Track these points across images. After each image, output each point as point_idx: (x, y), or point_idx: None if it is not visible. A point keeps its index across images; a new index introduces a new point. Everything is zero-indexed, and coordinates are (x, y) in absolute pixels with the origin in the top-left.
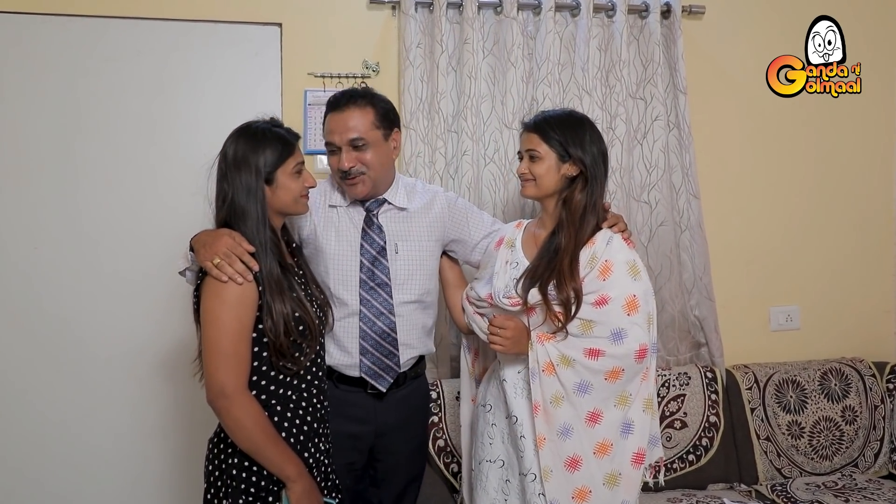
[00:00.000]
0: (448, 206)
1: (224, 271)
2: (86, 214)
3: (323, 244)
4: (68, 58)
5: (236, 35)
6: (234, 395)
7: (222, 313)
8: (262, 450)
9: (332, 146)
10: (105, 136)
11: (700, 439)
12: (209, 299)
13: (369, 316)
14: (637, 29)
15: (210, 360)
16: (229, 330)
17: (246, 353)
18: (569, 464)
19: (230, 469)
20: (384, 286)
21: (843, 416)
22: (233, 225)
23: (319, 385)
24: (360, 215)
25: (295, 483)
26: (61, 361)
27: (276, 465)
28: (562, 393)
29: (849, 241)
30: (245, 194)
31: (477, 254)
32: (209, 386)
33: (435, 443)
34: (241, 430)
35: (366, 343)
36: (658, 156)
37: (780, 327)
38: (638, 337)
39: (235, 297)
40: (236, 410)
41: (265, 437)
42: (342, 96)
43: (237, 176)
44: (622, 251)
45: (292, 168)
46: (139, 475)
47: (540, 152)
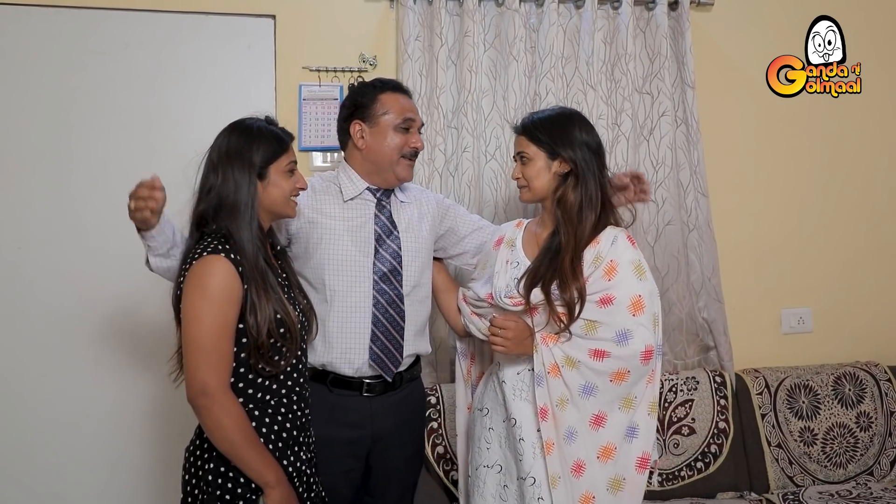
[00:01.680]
0: (437, 202)
1: (138, 206)
2: (73, 212)
3: (329, 239)
4: (55, 51)
5: (229, 27)
6: (216, 394)
7: (205, 309)
8: (240, 452)
9: (413, 123)
10: (93, 130)
11: (709, 446)
12: (191, 294)
13: (382, 303)
14: (644, 21)
15: (191, 358)
16: (212, 326)
17: (228, 351)
18: (574, 469)
19: (206, 475)
20: (396, 273)
21: (858, 422)
22: (216, 218)
23: (301, 392)
24: (369, 206)
25: (273, 489)
26: (50, 361)
27: (255, 470)
28: (567, 395)
29: (863, 241)
30: (236, 188)
31: (465, 244)
32: (189, 384)
33: (434, 449)
34: (220, 430)
35: (377, 330)
36: (665, 153)
37: (791, 330)
38: (644, 338)
39: (219, 293)
40: (217, 410)
41: (245, 439)
42: (402, 83)
43: (229, 169)
44: (627, 251)
45: (285, 166)
46: (131, 479)
47: (529, 154)
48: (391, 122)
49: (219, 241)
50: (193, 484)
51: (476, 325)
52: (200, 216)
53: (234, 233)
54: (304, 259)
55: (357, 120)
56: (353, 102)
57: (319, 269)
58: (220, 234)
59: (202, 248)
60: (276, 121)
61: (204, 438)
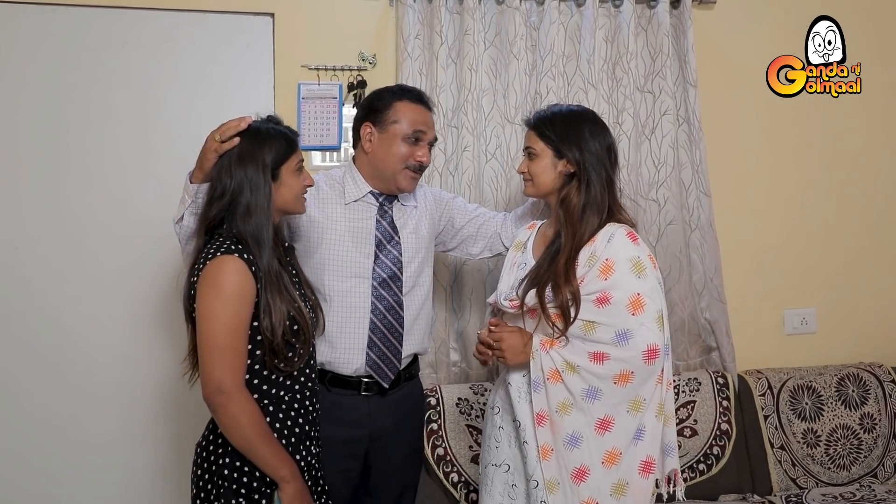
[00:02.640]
0: (434, 197)
1: (228, 134)
2: (69, 212)
3: (330, 239)
4: (50, 49)
5: (227, 25)
6: (232, 392)
7: (219, 307)
8: (256, 448)
9: (423, 136)
10: (89, 130)
11: (711, 448)
12: (206, 293)
13: (381, 309)
14: (645, 19)
15: (207, 356)
16: (227, 325)
17: (243, 349)
18: (575, 475)
19: (221, 470)
20: (396, 279)
21: (862, 423)
22: (230, 220)
23: (312, 387)
24: (371, 209)
25: (288, 484)
26: (46, 363)
27: (271, 465)
28: (570, 400)
29: (868, 241)
30: (252, 190)
31: (462, 234)
32: (206, 382)
33: (434, 451)
34: (237, 427)
35: (375, 336)
36: (667, 152)
37: (794, 330)
38: (646, 337)
39: (233, 292)
40: (234, 407)
41: (261, 435)
42: (424, 94)
43: (241, 171)
44: (625, 248)
45: (295, 165)
46: (127, 481)
47: (536, 150)
48: (400, 132)
49: (232, 241)
50: (206, 479)
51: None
52: (211, 221)
53: (250, 235)
54: (305, 257)
55: (369, 122)
56: (369, 104)
57: (319, 270)
58: (232, 234)
59: (215, 248)
60: (280, 119)
61: (218, 434)
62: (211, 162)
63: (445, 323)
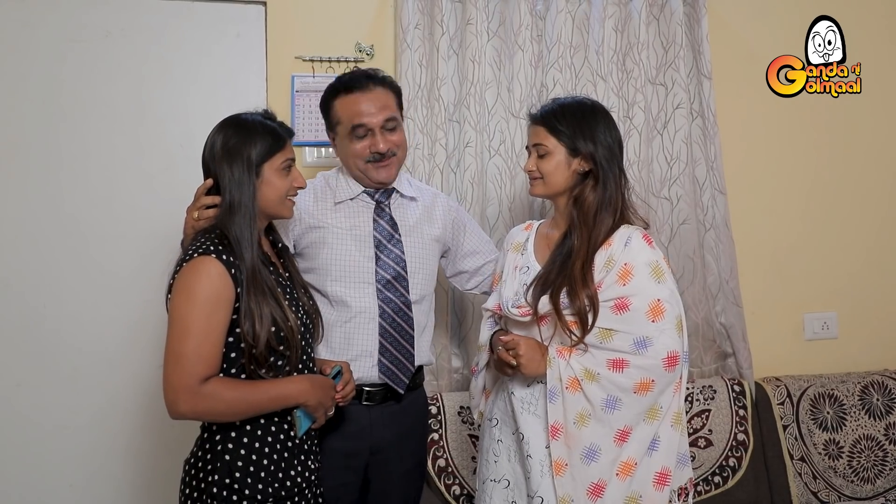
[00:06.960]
0: (449, 209)
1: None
2: (54, 210)
3: (330, 243)
4: (32, 41)
5: (216, 14)
6: (192, 395)
7: (188, 312)
8: (253, 406)
9: (363, 128)
10: (75, 124)
11: (727, 459)
12: (177, 296)
13: (388, 312)
14: (657, 7)
15: (168, 360)
16: (193, 330)
17: (210, 354)
18: (592, 491)
19: (210, 488)
20: (401, 280)
21: (887, 434)
22: (215, 218)
23: None
24: (368, 207)
25: (301, 394)
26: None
27: (276, 401)
28: (588, 410)
29: (892, 242)
30: (237, 186)
31: (462, 264)
32: (165, 389)
33: (435, 462)
34: (220, 412)
35: (386, 341)
36: (680, 147)
37: (815, 336)
38: (666, 344)
39: (206, 297)
40: (202, 404)
41: (244, 396)
42: (361, 76)
43: (226, 167)
44: (643, 252)
45: (280, 164)
46: (112, 493)
47: (548, 147)
48: (345, 132)
49: (212, 242)
50: (195, 498)
51: (481, 333)
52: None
53: (231, 234)
54: (309, 265)
55: (328, 129)
56: (321, 110)
57: (323, 275)
58: (215, 233)
59: (194, 248)
60: (273, 115)
61: (206, 450)
62: (191, 237)
63: (446, 327)
